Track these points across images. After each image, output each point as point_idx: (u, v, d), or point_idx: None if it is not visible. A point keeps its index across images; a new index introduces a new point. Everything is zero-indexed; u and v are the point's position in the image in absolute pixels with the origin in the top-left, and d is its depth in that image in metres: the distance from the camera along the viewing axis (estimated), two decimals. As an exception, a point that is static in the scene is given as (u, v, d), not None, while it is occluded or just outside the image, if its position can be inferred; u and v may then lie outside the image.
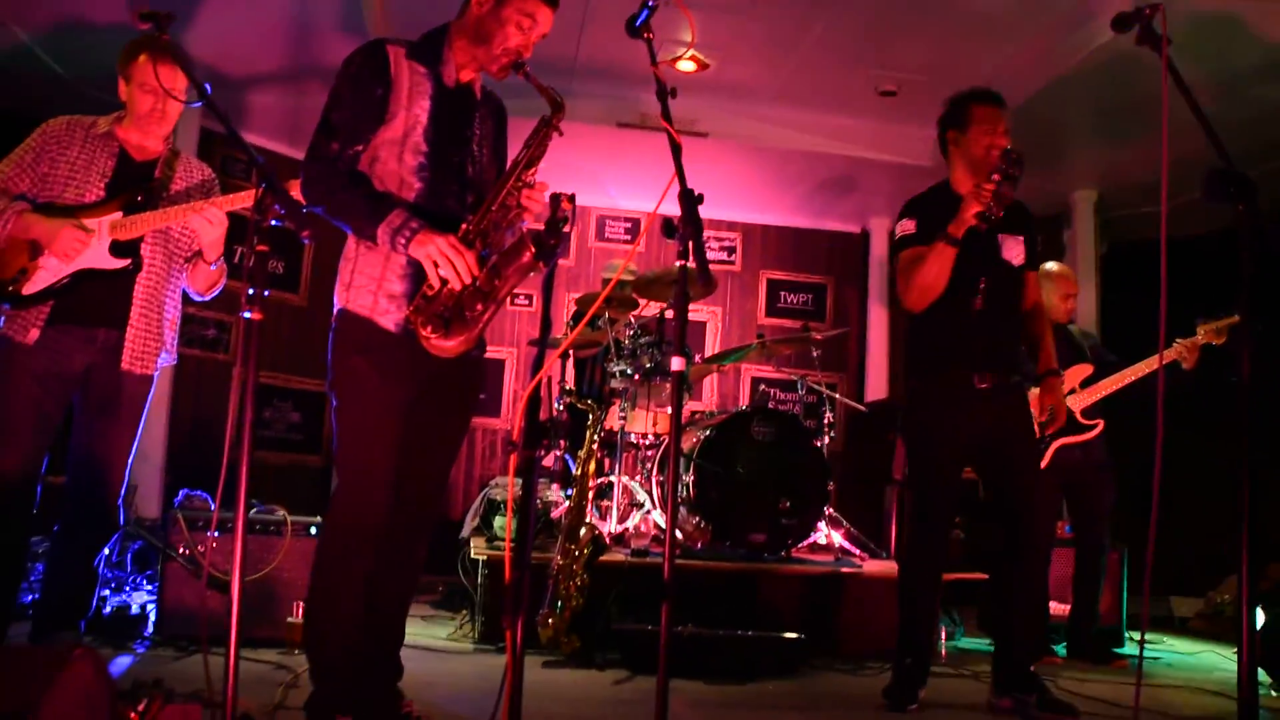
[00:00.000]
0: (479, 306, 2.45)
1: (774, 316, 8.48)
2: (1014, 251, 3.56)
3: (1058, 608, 4.89)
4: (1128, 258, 7.72)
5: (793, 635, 3.98)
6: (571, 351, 5.34)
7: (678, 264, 2.09)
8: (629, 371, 4.88)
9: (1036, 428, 3.60)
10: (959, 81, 5.79)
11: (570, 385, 5.51)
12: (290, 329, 7.44)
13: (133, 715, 2.12)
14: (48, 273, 3.16)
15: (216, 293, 3.49)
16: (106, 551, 3.60)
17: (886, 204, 8.02)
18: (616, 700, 3.38)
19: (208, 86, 2.32)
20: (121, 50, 3.30)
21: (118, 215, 3.21)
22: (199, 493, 4.06)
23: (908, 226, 3.52)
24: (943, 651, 4.47)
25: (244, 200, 3.20)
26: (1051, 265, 4.97)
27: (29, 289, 3.15)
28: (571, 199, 2.32)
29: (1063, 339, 4.83)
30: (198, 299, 3.52)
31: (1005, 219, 3.44)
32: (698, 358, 6.24)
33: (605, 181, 7.61)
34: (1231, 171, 2.00)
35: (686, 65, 6.29)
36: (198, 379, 6.84)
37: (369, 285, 2.50)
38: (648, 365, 4.86)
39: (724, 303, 8.36)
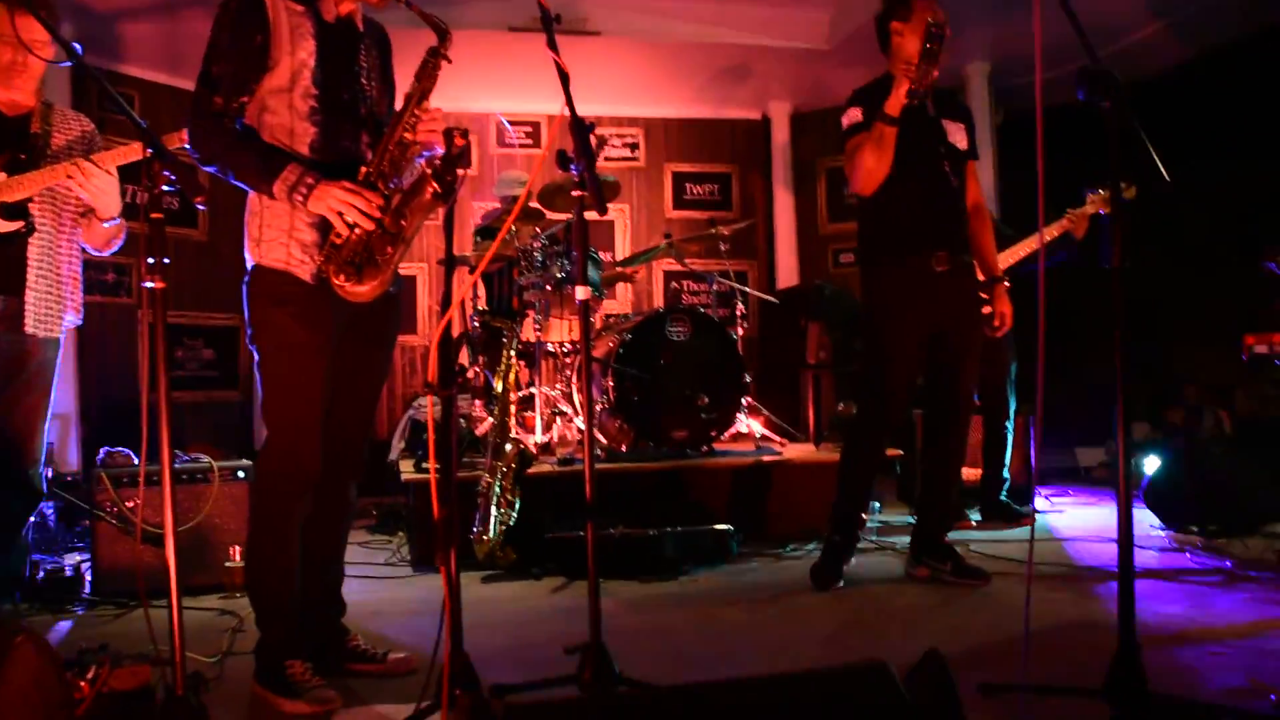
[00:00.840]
0: (389, 250, 2.45)
1: (681, 209, 8.50)
2: (957, 138, 3.65)
3: (969, 473, 5.12)
4: (1024, 126, 7.86)
5: (721, 527, 4.13)
6: (476, 267, 5.32)
7: (574, 194, 2.11)
8: (540, 283, 4.90)
9: (986, 329, 3.71)
10: None
11: (481, 301, 5.50)
12: (193, 265, 7.26)
13: (83, 685, 2.16)
14: None
15: (118, 246, 3.38)
16: (32, 519, 3.57)
17: (784, 89, 8.03)
18: (555, 609, 3.50)
19: (78, 47, 2.22)
20: None
21: (1, 176, 3.09)
22: (121, 449, 4.01)
23: (854, 115, 3.57)
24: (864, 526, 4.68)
25: (129, 154, 3.09)
26: None
27: None
28: (465, 134, 2.31)
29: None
30: (98, 255, 3.41)
31: (947, 106, 3.57)
32: (607, 257, 6.24)
33: (501, 86, 7.46)
34: (1099, 70, 2.08)
35: (573, -38, 6.18)
36: (100, 325, 6.68)
37: (279, 238, 2.47)
38: (558, 275, 4.88)
39: (631, 199, 8.34)
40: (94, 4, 5.89)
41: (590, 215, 2.30)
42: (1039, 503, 5.38)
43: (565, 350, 5.25)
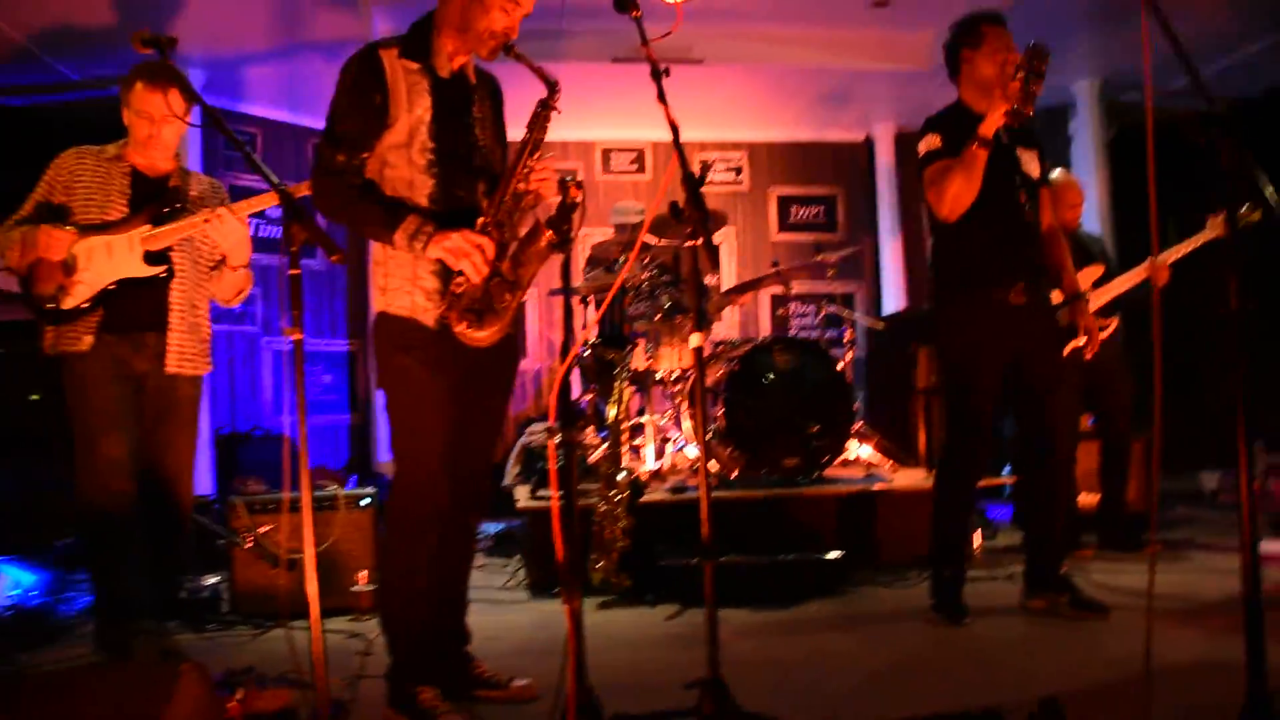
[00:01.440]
0: (507, 296, 2.57)
1: (786, 232, 8.55)
2: (1031, 167, 3.65)
3: (1087, 499, 5.04)
4: (1136, 141, 7.68)
5: (833, 555, 4.14)
6: (590, 297, 5.43)
7: (687, 244, 2.18)
8: (649, 312, 4.99)
9: (1068, 348, 3.69)
10: None
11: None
12: (312, 294, 7.60)
13: (232, 705, 2.31)
14: (85, 286, 3.30)
15: (245, 297, 3.60)
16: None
17: (888, 110, 8.02)
18: (669, 636, 3.57)
19: (198, 110, 2.42)
20: (124, 78, 3.40)
21: (147, 228, 3.34)
22: (253, 476, 4.23)
23: (933, 141, 3.57)
24: (977, 554, 4.64)
25: (262, 203, 3.35)
26: (1057, 173, 5.01)
27: (68, 303, 3.29)
28: (580, 185, 2.41)
29: (1071, 245, 4.90)
30: (227, 307, 3.63)
31: (1019, 134, 3.56)
32: (713, 282, 6.29)
33: (606, 115, 7.61)
34: (1214, 114, 2.07)
35: (676, -5, 6.27)
36: (228, 352, 7.04)
37: (404, 286, 2.60)
38: (667, 304, 4.97)
39: (736, 222, 8.42)
40: (222, 51, 6.22)
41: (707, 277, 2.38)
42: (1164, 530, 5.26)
43: (675, 378, 5.33)
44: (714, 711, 2.13)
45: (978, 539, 4.74)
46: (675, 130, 2.30)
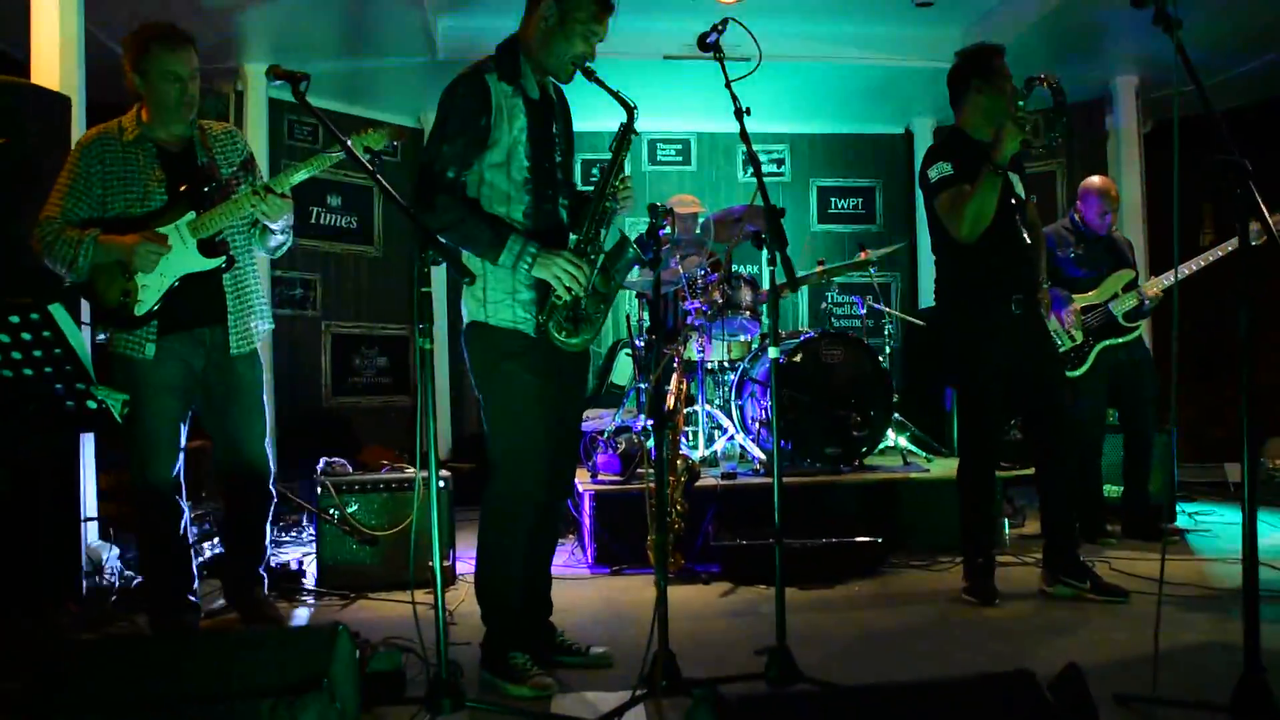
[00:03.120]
0: (600, 306, 2.91)
1: (826, 222, 8.80)
2: (1019, 188, 3.98)
3: (1112, 490, 5.31)
4: (1171, 134, 7.84)
5: (872, 539, 4.45)
6: (647, 293, 5.73)
7: (769, 268, 2.49)
8: (703, 306, 5.30)
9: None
10: None
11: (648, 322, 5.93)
12: (369, 279, 7.96)
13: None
14: (151, 289, 3.33)
15: (286, 247, 3.67)
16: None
17: (927, 104, 8.20)
18: (723, 611, 3.90)
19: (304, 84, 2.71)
20: (124, 46, 3.35)
21: (192, 215, 3.36)
22: (337, 459, 4.57)
23: (945, 169, 3.86)
24: (1006, 540, 4.93)
25: (309, 168, 3.39)
26: (1095, 180, 5.25)
27: (139, 309, 3.32)
28: (670, 210, 2.72)
29: (1105, 247, 5.18)
30: (266, 255, 3.73)
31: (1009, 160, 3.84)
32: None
33: (655, 108, 7.88)
34: (1228, 161, 2.34)
35: (727, -2, 6.55)
36: (290, 337, 7.39)
37: (505, 300, 2.90)
38: (719, 300, 5.27)
39: (761, 179, 8.65)
40: (289, 45, 6.55)
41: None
42: (1183, 520, 5.51)
43: (725, 369, 5.63)
44: (782, 675, 2.45)
45: (1007, 527, 5.02)
46: (759, 170, 2.62)
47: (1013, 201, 3.89)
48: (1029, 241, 3.97)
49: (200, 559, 4.17)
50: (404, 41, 6.52)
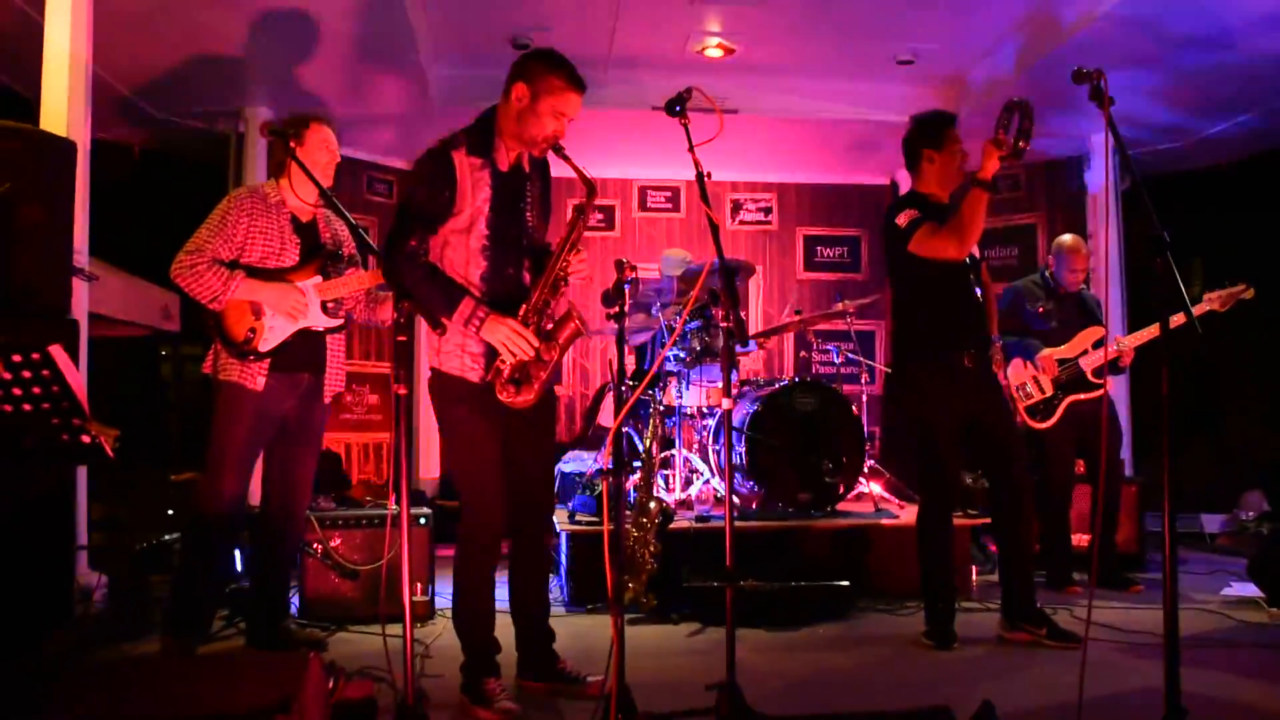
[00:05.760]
0: (542, 372, 3.12)
1: (811, 271, 8.99)
2: (975, 249, 4.14)
3: (1081, 540, 5.44)
4: (1150, 190, 8.05)
5: (841, 583, 4.58)
6: (628, 338, 5.90)
7: (722, 326, 2.65)
8: (681, 353, 5.46)
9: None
10: (972, 48, 6.32)
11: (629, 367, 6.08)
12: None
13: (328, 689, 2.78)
14: (276, 331, 3.73)
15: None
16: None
17: (913, 157, 8.46)
18: (691, 649, 4.03)
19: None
20: (286, 123, 3.79)
21: (319, 279, 3.81)
22: (323, 495, 4.70)
23: (912, 214, 4.04)
24: (974, 586, 5.06)
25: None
26: (1066, 238, 5.44)
27: (264, 346, 3.72)
28: (634, 268, 2.89)
29: (1075, 304, 5.36)
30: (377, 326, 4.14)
31: None
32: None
33: (643, 157, 8.11)
34: (1153, 235, 2.51)
35: (714, 53, 6.78)
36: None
37: (455, 350, 3.13)
38: (698, 348, 5.43)
39: (764, 261, 8.86)
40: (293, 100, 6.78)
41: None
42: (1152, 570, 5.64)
43: (703, 414, 5.78)
44: (730, 710, 2.57)
45: (975, 574, 5.16)
46: (715, 228, 2.78)
47: (967, 261, 4.06)
48: (980, 299, 4.15)
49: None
50: (400, 88, 6.73)
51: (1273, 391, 7.58)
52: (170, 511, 5.47)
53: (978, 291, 4.14)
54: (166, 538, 4.94)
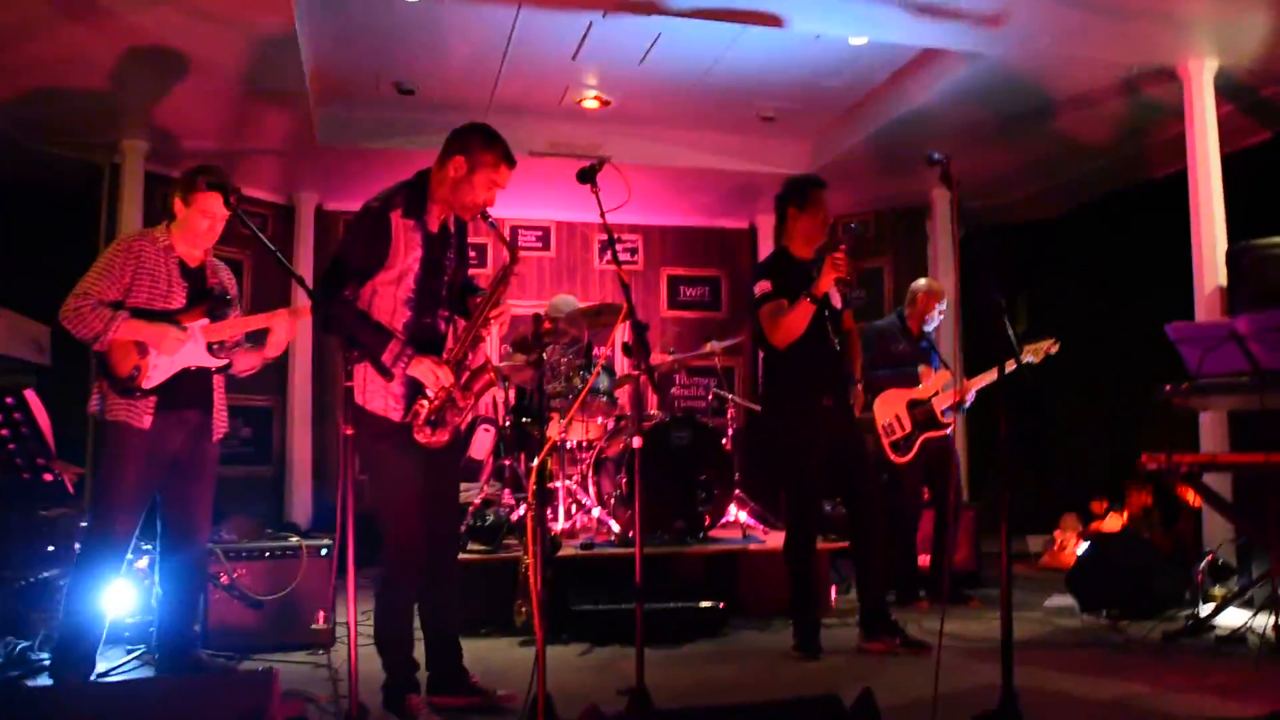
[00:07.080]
0: (456, 418, 3.46)
1: (675, 309, 9.50)
2: (835, 300, 4.67)
3: (924, 561, 6.01)
4: (984, 241, 8.84)
5: (714, 604, 4.98)
6: (510, 377, 6.18)
7: (633, 373, 3.03)
8: (564, 391, 5.80)
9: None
10: (827, 109, 6.95)
11: (513, 404, 6.39)
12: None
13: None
14: (160, 370, 3.84)
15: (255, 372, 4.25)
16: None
17: (771, 204, 8.97)
18: (586, 667, 4.36)
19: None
20: (181, 178, 3.98)
21: (206, 321, 3.95)
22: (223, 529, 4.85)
23: (765, 287, 4.56)
24: (834, 603, 5.55)
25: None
26: (920, 283, 6.05)
27: (148, 383, 3.82)
28: (555, 322, 3.25)
29: (928, 346, 5.95)
30: (238, 377, 4.22)
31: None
32: (606, 352, 7.10)
33: (519, 199, 8.46)
34: (990, 299, 3.01)
35: (591, 104, 7.21)
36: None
37: (379, 390, 3.40)
38: (579, 385, 5.79)
39: (631, 300, 9.27)
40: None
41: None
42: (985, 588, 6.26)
43: (583, 448, 6.13)
44: (641, 710, 2.93)
45: (834, 593, 5.66)
46: (626, 287, 3.18)
47: (826, 314, 4.56)
48: (838, 348, 4.65)
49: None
50: (284, 126, 6.89)
51: (1084, 424, 8.47)
52: (50, 548, 5.47)
53: (835, 342, 4.62)
54: (45, 575, 4.95)
